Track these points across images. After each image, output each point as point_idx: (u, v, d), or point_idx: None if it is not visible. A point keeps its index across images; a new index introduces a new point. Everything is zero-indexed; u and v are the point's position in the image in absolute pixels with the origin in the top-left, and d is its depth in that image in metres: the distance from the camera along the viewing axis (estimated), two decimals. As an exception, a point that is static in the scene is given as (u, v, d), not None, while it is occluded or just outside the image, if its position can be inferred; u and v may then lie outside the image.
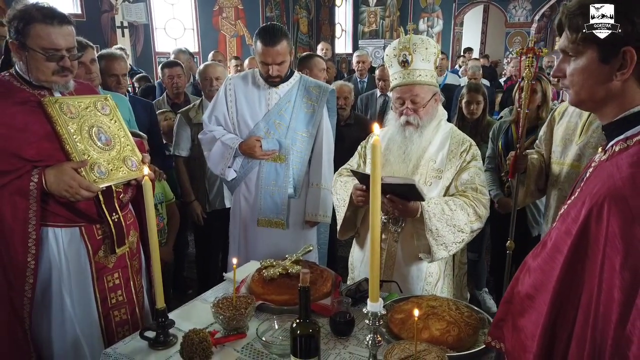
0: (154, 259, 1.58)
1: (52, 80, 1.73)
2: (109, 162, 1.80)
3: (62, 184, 1.65)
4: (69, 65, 1.73)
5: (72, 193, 1.66)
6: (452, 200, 1.89)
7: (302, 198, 2.72)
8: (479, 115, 3.62)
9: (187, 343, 1.44)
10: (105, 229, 1.82)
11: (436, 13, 12.55)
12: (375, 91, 5.08)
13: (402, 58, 1.91)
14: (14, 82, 1.74)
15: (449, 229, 1.85)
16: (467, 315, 1.54)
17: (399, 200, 1.80)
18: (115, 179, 1.79)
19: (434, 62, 1.96)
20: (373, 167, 1.15)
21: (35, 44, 1.66)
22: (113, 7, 7.36)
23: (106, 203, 1.79)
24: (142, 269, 2.03)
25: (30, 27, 1.64)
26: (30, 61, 1.68)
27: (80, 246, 1.79)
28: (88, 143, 1.77)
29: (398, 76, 1.96)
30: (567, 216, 1.03)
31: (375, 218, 1.15)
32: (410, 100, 1.93)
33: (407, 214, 1.85)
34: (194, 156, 3.23)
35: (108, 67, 2.98)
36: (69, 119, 1.74)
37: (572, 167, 2.24)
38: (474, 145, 2.03)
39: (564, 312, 1.00)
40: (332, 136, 2.78)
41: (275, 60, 2.48)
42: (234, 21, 9.32)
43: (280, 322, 1.63)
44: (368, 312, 1.22)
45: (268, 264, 1.91)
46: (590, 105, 1.10)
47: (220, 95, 2.68)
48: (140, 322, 1.96)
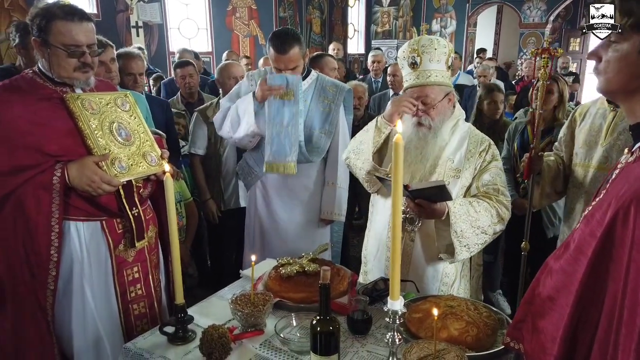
0: (174, 254, 1.60)
1: (73, 76, 1.76)
2: (129, 157, 1.83)
3: (85, 179, 1.68)
4: (90, 61, 1.77)
5: (94, 187, 1.69)
6: (477, 202, 1.89)
7: (317, 196, 2.72)
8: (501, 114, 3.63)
9: (206, 338, 1.46)
10: (126, 223, 1.84)
11: (449, 13, 12.47)
12: (388, 91, 5.08)
13: (411, 60, 1.92)
14: (37, 79, 1.78)
15: (473, 230, 1.84)
16: (486, 316, 1.54)
17: (427, 203, 1.79)
18: (136, 173, 1.82)
19: (446, 62, 1.95)
20: (395, 166, 1.15)
21: (56, 41, 1.70)
22: (128, 7, 7.42)
23: (127, 197, 1.82)
24: (159, 264, 2.05)
25: (52, 24, 1.69)
26: (52, 58, 1.72)
27: (101, 240, 1.81)
28: (109, 138, 1.80)
29: (409, 78, 1.96)
30: (592, 218, 1.02)
31: (396, 217, 1.16)
32: (421, 101, 1.93)
33: (433, 216, 1.84)
34: (210, 155, 3.25)
35: (125, 65, 3.01)
36: (90, 115, 1.78)
37: (599, 170, 2.22)
38: (493, 144, 2.02)
39: (587, 315, 0.99)
40: (348, 135, 2.78)
41: (288, 66, 2.49)
42: (247, 21, 9.35)
43: (298, 319, 1.64)
44: (388, 310, 1.22)
45: (285, 262, 1.93)
46: (620, 97, 1.07)
47: (244, 87, 2.67)
48: (159, 316, 1.98)
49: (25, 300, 1.72)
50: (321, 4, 10.82)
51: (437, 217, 1.84)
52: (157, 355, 1.53)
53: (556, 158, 2.47)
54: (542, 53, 2.40)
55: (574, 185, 2.36)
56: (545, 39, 2.40)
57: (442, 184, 1.74)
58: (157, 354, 1.53)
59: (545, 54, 2.37)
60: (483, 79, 5.80)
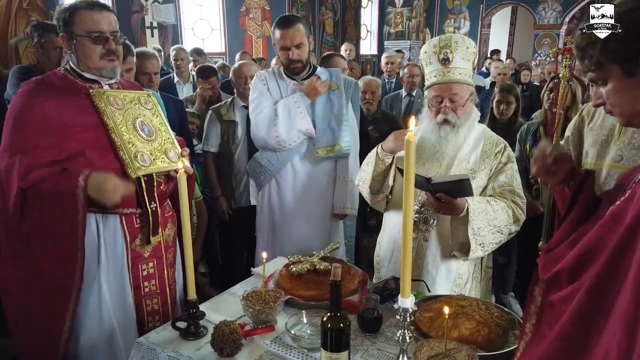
0: (187, 250, 1.61)
1: (100, 65, 1.83)
2: (151, 152, 1.88)
3: (104, 198, 1.72)
4: (114, 48, 1.84)
5: (106, 200, 1.72)
6: (494, 201, 1.87)
7: (330, 191, 2.73)
8: (510, 116, 3.58)
9: (218, 334, 1.47)
10: (144, 217, 1.88)
11: (463, 14, 12.41)
12: (400, 92, 5.06)
13: (442, 56, 1.89)
14: (68, 75, 1.86)
15: (490, 229, 1.83)
16: (497, 316, 1.53)
17: (448, 198, 1.76)
18: (157, 168, 1.87)
19: (473, 62, 1.94)
20: (407, 163, 1.15)
21: (81, 29, 1.78)
22: (143, 8, 7.51)
23: (147, 191, 1.85)
24: (176, 263, 2.07)
25: (75, 14, 1.79)
26: (79, 48, 1.80)
27: (119, 233, 1.85)
28: (132, 134, 1.85)
29: (437, 74, 1.92)
30: (624, 215, 1.00)
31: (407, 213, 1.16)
32: (449, 99, 1.91)
33: (452, 212, 1.82)
34: (223, 153, 3.27)
35: (141, 65, 3.04)
36: (115, 110, 1.84)
37: (612, 168, 2.21)
38: (508, 146, 2.01)
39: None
40: (357, 129, 2.80)
41: (294, 41, 2.51)
42: (260, 22, 9.40)
43: (309, 317, 1.65)
44: (399, 307, 1.23)
45: (296, 260, 1.94)
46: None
47: (260, 86, 2.68)
48: (171, 314, 2.00)
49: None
50: (334, 4, 10.83)
51: (456, 213, 1.81)
52: (169, 350, 1.54)
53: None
54: (564, 53, 2.38)
55: None
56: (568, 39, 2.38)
57: (466, 177, 1.72)
58: (169, 348, 1.55)
59: (568, 54, 2.35)
60: (502, 76, 5.74)
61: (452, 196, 1.77)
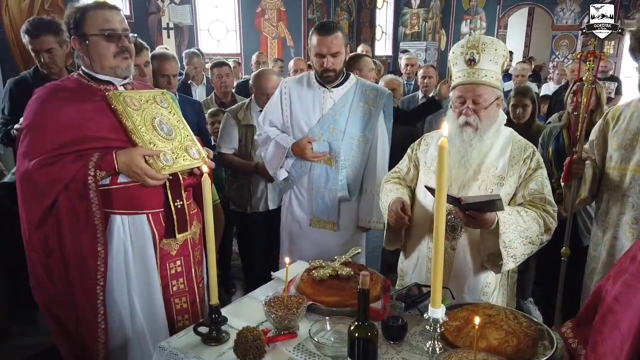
0: (209, 255, 1.60)
1: (114, 64, 1.82)
2: (173, 151, 1.87)
3: (131, 173, 1.74)
4: (127, 45, 1.83)
5: (140, 180, 1.75)
6: (525, 211, 1.83)
7: (355, 203, 2.69)
8: (526, 119, 3.52)
9: (241, 340, 1.46)
10: (170, 215, 1.87)
11: (479, 15, 12.29)
12: (417, 93, 5.02)
13: (469, 56, 1.85)
14: (82, 80, 1.85)
15: (521, 240, 1.79)
16: (526, 326, 1.49)
17: (477, 214, 1.72)
18: (180, 166, 1.86)
19: (502, 65, 1.89)
20: (439, 171, 1.13)
21: (93, 28, 1.78)
22: (160, 9, 7.56)
23: (172, 190, 1.85)
24: (203, 262, 2.06)
25: (86, 15, 1.79)
26: (92, 49, 1.79)
27: (147, 232, 1.84)
28: (152, 134, 1.84)
29: (462, 74, 1.89)
30: None
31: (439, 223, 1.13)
32: (472, 100, 1.86)
33: (483, 227, 1.78)
34: (241, 156, 3.22)
35: (160, 67, 3.05)
36: (133, 111, 1.82)
37: (636, 172, 2.16)
38: (537, 151, 1.96)
39: None
40: (387, 141, 2.72)
41: (330, 49, 2.46)
42: (275, 23, 9.41)
43: (332, 323, 1.62)
44: (429, 317, 1.20)
45: (317, 265, 1.91)
46: None
47: (276, 98, 2.68)
48: (200, 313, 2.00)
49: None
50: (349, 5, 10.81)
51: (486, 227, 1.76)
52: (191, 355, 1.53)
53: (591, 161, 2.40)
54: (588, 56, 2.32)
55: (609, 188, 2.29)
56: (591, 42, 2.31)
57: (497, 198, 1.66)
58: (191, 354, 1.53)
59: (591, 57, 2.30)
60: (521, 78, 5.69)
61: (482, 212, 1.73)
